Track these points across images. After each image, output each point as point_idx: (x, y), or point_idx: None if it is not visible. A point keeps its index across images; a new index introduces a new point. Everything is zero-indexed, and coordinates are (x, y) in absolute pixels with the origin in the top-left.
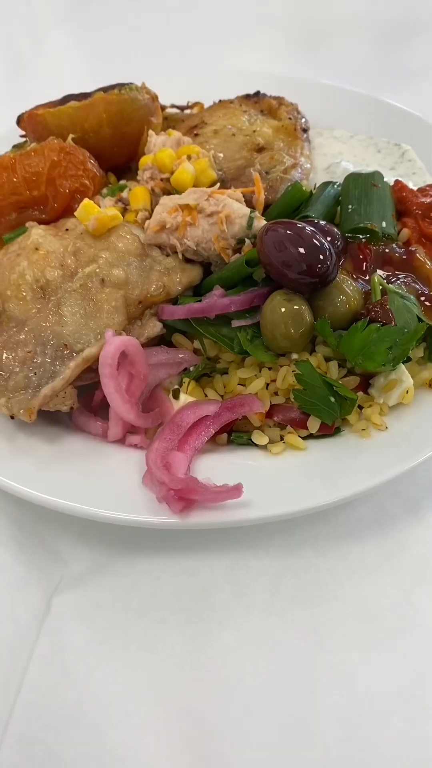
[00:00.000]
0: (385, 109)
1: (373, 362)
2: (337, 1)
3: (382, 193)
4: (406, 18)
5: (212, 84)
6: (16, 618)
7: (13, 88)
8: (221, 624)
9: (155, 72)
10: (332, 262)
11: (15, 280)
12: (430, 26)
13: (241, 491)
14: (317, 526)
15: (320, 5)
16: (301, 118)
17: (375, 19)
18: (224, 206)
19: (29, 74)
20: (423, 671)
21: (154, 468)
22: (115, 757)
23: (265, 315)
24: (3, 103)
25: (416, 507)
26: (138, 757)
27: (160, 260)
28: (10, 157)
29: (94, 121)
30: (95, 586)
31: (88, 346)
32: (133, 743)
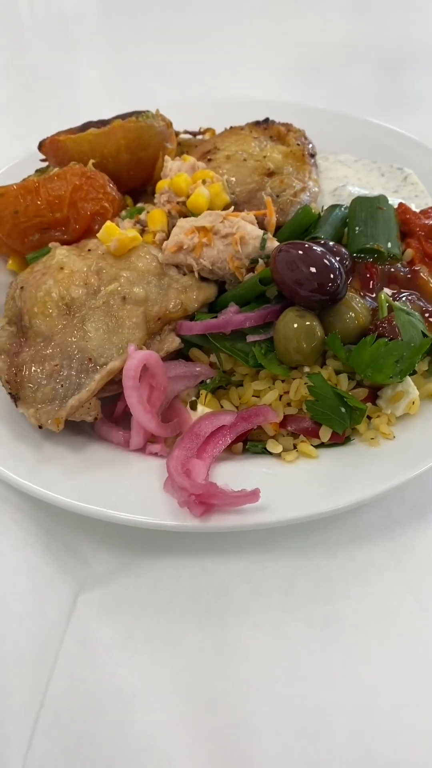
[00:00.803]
0: (388, 135)
1: (381, 375)
2: (338, 30)
3: (387, 216)
4: (404, 47)
5: (223, 111)
6: (44, 614)
7: (32, 114)
8: (238, 620)
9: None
10: (342, 280)
11: (41, 297)
12: (426, 55)
13: (259, 496)
14: (328, 529)
15: (323, 35)
16: (309, 144)
17: (375, 48)
18: (238, 228)
19: (47, 101)
20: (429, 663)
21: (175, 474)
22: (140, 745)
23: (278, 330)
24: (22, 129)
25: (422, 512)
26: (161, 745)
27: (177, 279)
28: (34, 181)
29: (112, 147)
30: (118, 586)
31: (111, 360)
32: (156, 733)
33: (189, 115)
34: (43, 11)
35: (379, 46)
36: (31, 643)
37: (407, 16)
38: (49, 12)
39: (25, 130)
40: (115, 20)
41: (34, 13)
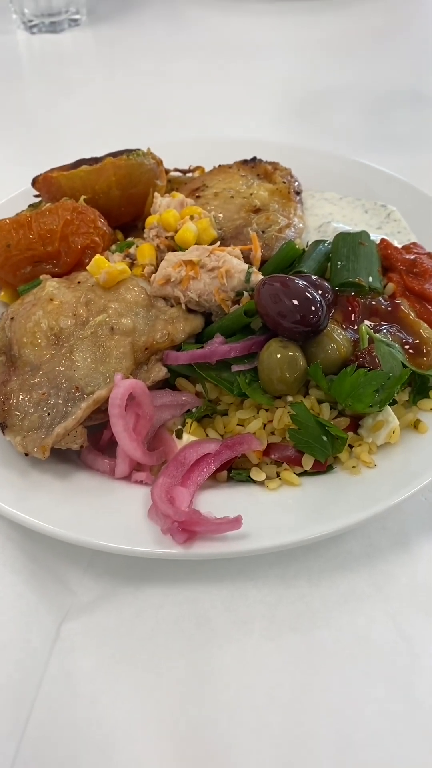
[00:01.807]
0: (372, 173)
1: (361, 404)
2: (327, 74)
3: (369, 251)
4: (389, 90)
5: (212, 149)
6: (28, 642)
7: (27, 151)
8: (221, 649)
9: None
10: (323, 313)
11: (31, 328)
12: (411, 99)
13: (241, 523)
14: (311, 558)
15: (312, 78)
16: (295, 182)
17: (362, 90)
18: (224, 262)
19: (42, 138)
20: (409, 692)
21: (159, 502)
22: None
23: (262, 360)
24: (16, 165)
25: (403, 540)
26: None
27: (165, 310)
28: (27, 216)
29: (104, 183)
30: (102, 614)
31: (98, 389)
32: (138, 762)
33: (179, 154)
34: (40, 51)
35: (366, 89)
36: (14, 671)
37: (394, 61)
38: (45, 51)
39: (20, 167)
40: (110, 61)
41: (32, 54)
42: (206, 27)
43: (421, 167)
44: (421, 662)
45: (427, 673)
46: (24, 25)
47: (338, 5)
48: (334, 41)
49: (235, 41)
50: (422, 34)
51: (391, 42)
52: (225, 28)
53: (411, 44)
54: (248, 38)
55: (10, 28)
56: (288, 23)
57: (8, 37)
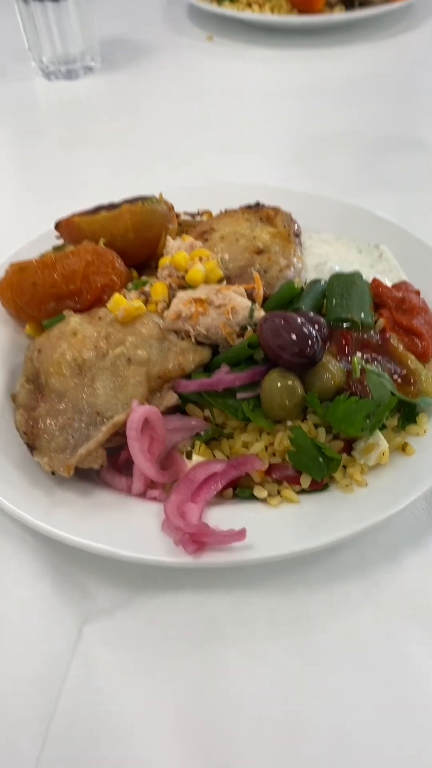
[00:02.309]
0: (366, 216)
1: (353, 428)
2: (325, 120)
3: (361, 290)
4: (384, 135)
5: (220, 194)
6: (54, 641)
7: (45, 193)
8: (227, 648)
9: (170, 179)
10: (319, 346)
11: (56, 359)
12: (404, 143)
13: (245, 535)
14: (309, 569)
15: (311, 123)
16: (294, 225)
17: (358, 135)
18: (230, 300)
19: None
20: (396, 687)
21: (171, 516)
22: (137, 759)
23: (264, 389)
24: (37, 206)
25: (393, 553)
26: (156, 759)
27: (176, 343)
28: (51, 257)
29: (121, 227)
30: (120, 618)
31: (117, 414)
32: (152, 750)
33: (189, 198)
34: (57, 96)
35: (362, 134)
36: (42, 665)
37: (388, 106)
38: (61, 96)
39: (40, 208)
40: (122, 106)
41: (49, 99)
42: (213, 73)
43: (411, 208)
44: (407, 661)
45: (412, 671)
46: (42, 72)
47: (337, 54)
48: (332, 88)
49: (237, 87)
50: (415, 81)
51: (385, 88)
52: (230, 75)
53: (404, 91)
54: (250, 84)
55: (28, 74)
56: (290, 70)
57: (27, 83)
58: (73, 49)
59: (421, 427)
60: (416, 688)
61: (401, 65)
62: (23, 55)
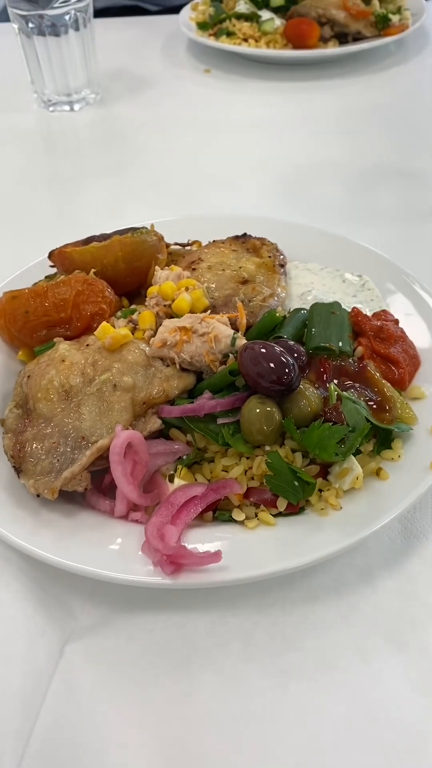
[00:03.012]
0: (350, 246)
1: (326, 453)
2: (316, 150)
3: (340, 319)
4: (374, 166)
5: (209, 225)
6: (36, 657)
7: (42, 223)
8: (203, 668)
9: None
10: (295, 374)
11: (45, 385)
12: (393, 174)
13: (221, 556)
14: (285, 590)
15: (303, 156)
16: (280, 255)
17: (347, 167)
18: (213, 328)
19: (57, 211)
20: (367, 706)
21: (151, 538)
22: None
23: (243, 414)
24: (34, 236)
25: (367, 576)
26: None
27: (161, 369)
28: (43, 286)
29: (111, 258)
30: (101, 637)
31: (101, 438)
32: (128, 763)
33: (180, 229)
34: (58, 127)
35: (355, 165)
36: (23, 681)
37: (381, 137)
38: (62, 127)
39: (39, 239)
40: (121, 137)
41: (50, 130)
42: (210, 106)
43: (395, 239)
44: (380, 682)
45: (383, 691)
46: (44, 104)
47: (328, 87)
48: (326, 120)
49: (234, 120)
50: (407, 113)
51: (378, 120)
52: (227, 107)
53: (396, 122)
54: (245, 116)
55: (30, 106)
56: (283, 101)
57: (29, 115)
58: (74, 82)
59: (395, 453)
60: (388, 709)
61: (394, 98)
62: (25, 87)
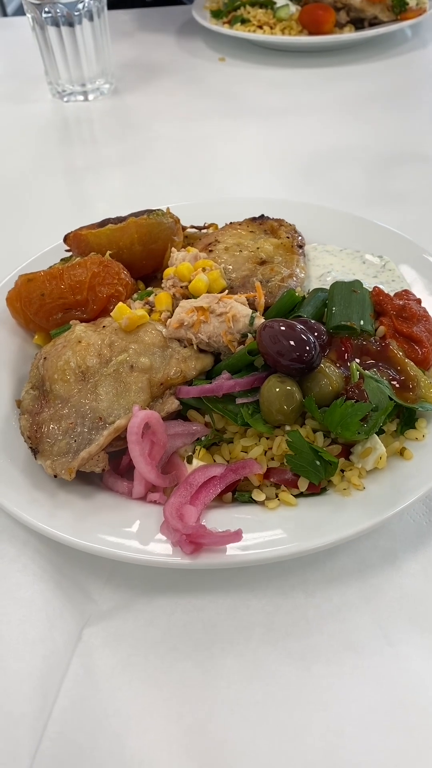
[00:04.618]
0: (370, 227)
1: (349, 432)
2: (334, 136)
3: (361, 298)
4: (393, 149)
5: (225, 208)
6: (54, 641)
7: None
8: (224, 651)
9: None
10: (316, 352)
11: (61, 366)
12: (412, 158)
13: (242, 536)
14: (307, 572)
15: (318, 138)
16: (298, 236)
17: (366, 149)
18: (231, 308)
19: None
20: (393, 691)
21: (170, 518)
22: (134, 761)
23: (263, 394)
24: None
25: (391, 557)
26: (152, 761)
27: (178, 350)
28: (59, 269)
29: (127, 240)
30: (120, 620)
31: (118, 419)
32: (149, 751)
33: (196, 212)
34: (73, 117)
35: (371, 148)
36: (42, 664)
37: (398, 125)
38: (77, 117)
39: (54, 222)
40: (135, 126)
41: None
42: (224, 94)
43: (415, 221)
44: (404, 664)
45: (408, 674)
46: (58, 94)
47: (344, 74)
48: (342, 105)
49: (250, 107)
50: (424, 97)
51: (395, 105)
52: (242, 94)
53: (414, 106)
54: (262, 104)
55: (45, 96)
56: (298, 89)
57: (43, 105)
58: (88, 72)
59: (419, 432)
60: (413, 692)
61: (411, 82)
62: (40, 78)
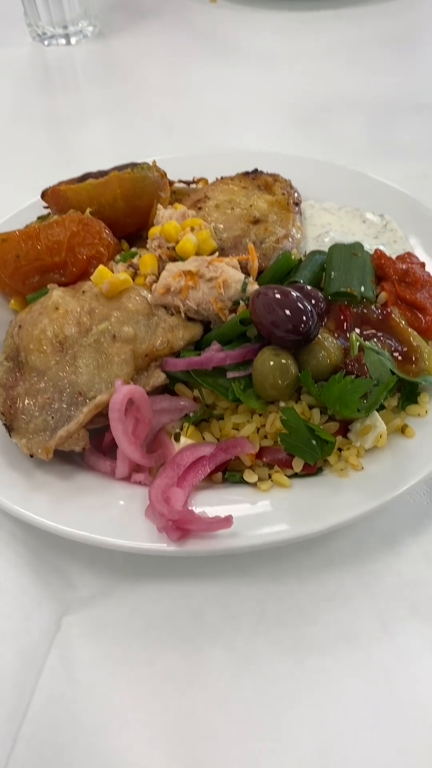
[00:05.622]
0: (371, 183)
1: (348, 409)
2: (331, 84)
3: (362, 261)
4: (394, 99)
5: (216, 161)
6: (29, 632)
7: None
8: (212, 642)
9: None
10: (314, 322)
11: (37, 335)
12: (414, 108)
13: (231, 522)
14: (300, 556)
15: (316, 87)
16: (294, 193)
17: (366, 100)
18: (222, 272)
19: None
20: (390, 685)
21: (155, 501)
22: (115, 759)
23: (255, 368)
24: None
25: (390, 541)
26: (136, 760)
27: (165, 319)
28: (35, 228)
29: (109, 196)
30: (101, 608)
31: (99, 394)
32: (131, 748)
33: (184, 166)
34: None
35: (371, 99)
36: (16, 659)
37: (398, 71)
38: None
39: (32, 177)
40: (121, 71)
41: (46, 65)
42: (215, 37)
43: (421, 176)
44: (403, 656)
45: (407, 667)
46: (38, 37)
47: (343, 16)
48: (338, 51)
49: (242, 52)
50: (425, 45)
51: (394, 51)
52: (233, 39)
53: (414, 53)
54: (255, 49)
55: (24, 39)
56: (294, 34)
57: (22, 49)
58: (70, 13)
59: (422, 408)
60: (413, 688)
61: (412, 27)
62: (18, 20)
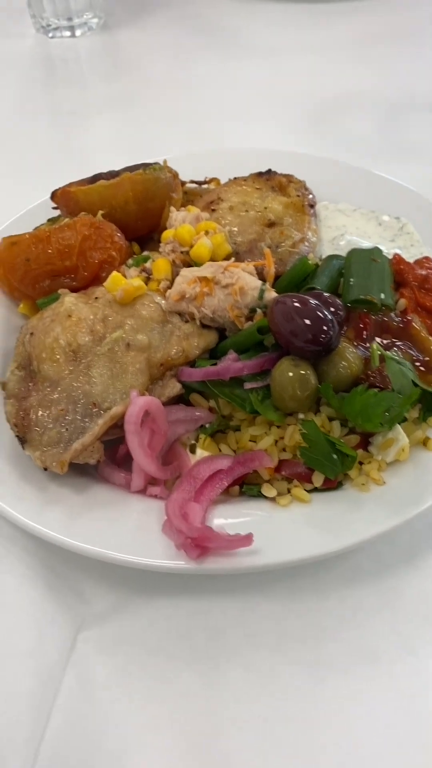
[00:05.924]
0: (386, 185)
1: (371, 423)
2: (343, 80)
3: (381, 267)
4: (406, 97)
5: (228, 160)
6: (45, 652)
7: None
8: (230, 661)
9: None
10: (334, 332)
11: (50, 344)
12: (428, 105)
13: (252, 540)
14: (319, 572)
15: (328, 84)
16: (309, 195)
17: (378, 97)
18: (238, 279)
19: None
20: (413, 706)
21: (173, 517)
22: None
23: (274, 378)
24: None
25: (411, 557)
26: None
27: (179, 326)
28: (46, 231)
29: (121, 198)
30: (116, 624)
31: (114, 405)
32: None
33: (196, 165)
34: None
35: (383, 96)
36: (32, 681)
37: (411, 67)
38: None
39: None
40: (126, 65)
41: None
42: (223, 31)
43: None
44: (425, 676)
45: (431, 686)
46: (42, 29)
47: (354, 10)
48: (349, 46)
49: (251, 46)
50: None
51: (407, 46)
52: (242, 33)
53: (425, 49)
54: (264, 43)
55: (28, 31)
56: (304, 27)
57: (26, 41)
58: (75, 4)
59: None
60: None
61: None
62: (22, 11)
